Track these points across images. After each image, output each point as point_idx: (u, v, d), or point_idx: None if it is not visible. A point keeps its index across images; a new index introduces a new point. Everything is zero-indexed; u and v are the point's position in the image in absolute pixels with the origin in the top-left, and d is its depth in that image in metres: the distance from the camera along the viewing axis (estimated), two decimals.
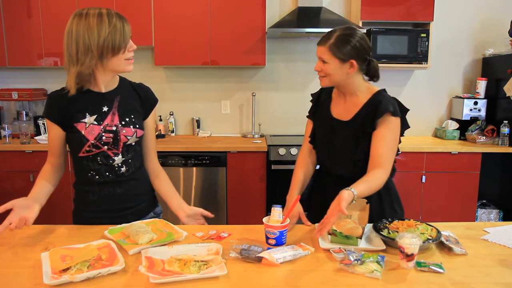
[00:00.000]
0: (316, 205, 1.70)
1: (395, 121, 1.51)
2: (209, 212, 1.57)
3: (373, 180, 1.45)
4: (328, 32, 1.53)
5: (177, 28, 3.28)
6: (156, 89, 1.68)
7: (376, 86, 1.61)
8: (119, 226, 1.42)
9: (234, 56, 3.32)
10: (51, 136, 1.49)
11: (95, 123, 1.44)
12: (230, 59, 3.34)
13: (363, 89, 1.58)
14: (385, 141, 1.49)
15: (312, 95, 1.77)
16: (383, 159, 1.48)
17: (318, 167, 1.77)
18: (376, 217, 1.49)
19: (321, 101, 1.71)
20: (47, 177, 1.50)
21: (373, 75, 1.59)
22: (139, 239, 1.29)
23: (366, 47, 1.52)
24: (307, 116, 1.77)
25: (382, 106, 1.50)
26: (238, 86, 3.73)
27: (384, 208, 1.61)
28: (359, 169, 1.54)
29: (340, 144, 1.59)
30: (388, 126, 1.50)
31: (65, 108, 1.43)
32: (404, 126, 1.57)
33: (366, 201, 1.41)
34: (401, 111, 1.54)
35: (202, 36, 3.29)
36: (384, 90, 1.60)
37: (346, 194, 1.30)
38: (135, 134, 1.51)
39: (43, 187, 1.47)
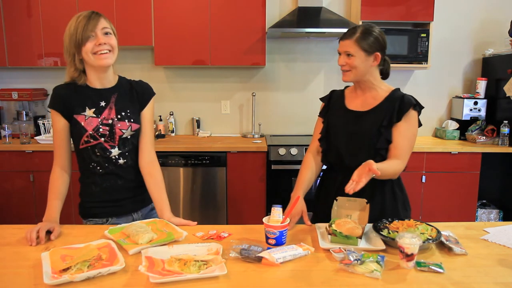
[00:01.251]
0: (323, 204, 1.68)
1: (415, 115, 1.58)
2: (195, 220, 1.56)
3: (391, 165, 1.50)
4: (351, 28, 1.58)
5: (177, 28, 3.28)
6: (156, 89, 1.70)
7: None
8: (119, 226, 1.43)
9: (234, 56, 3.32)
10: (56, 129, 1.52)
11: (94, 115, 1.51)
12: (230, 59, 3.33)
13: (381, 85, 1.63)
14: (405, 134, 1.55)
15: (321, 98, 1.79)
16: (401, 151, 1.54)
17: (324, 167, 1.76)
18: (390, 215, 1.50)
19: (333, 100, 1.74)
20: (60, 191, 1.51)
21: (386, 72, 1.64)
22: (139, 239, 1.30)
23: (385, 41, 1.58)
24: (319, 115, 1.77)
25: (406, 99, 1.57)
26: (238, 86, 3.73)
27: (398, 207, 1.63)
28: (381, 158, 1.55)
29: (362, 132, 1.60)
30: (409, 120, 1.56)
31: (67, 99, 1.51)
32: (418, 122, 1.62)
33: (366, 201, 1.42)
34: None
35: (202, 36, 3.29)
36: (399, 89, 1.64)
37: (371, 161, 1.32)
38: (130, 127, 1.56)
39: (58, 207, 1.49)
